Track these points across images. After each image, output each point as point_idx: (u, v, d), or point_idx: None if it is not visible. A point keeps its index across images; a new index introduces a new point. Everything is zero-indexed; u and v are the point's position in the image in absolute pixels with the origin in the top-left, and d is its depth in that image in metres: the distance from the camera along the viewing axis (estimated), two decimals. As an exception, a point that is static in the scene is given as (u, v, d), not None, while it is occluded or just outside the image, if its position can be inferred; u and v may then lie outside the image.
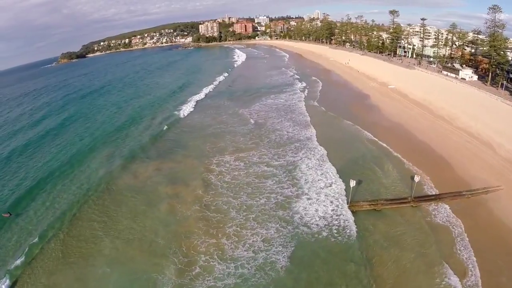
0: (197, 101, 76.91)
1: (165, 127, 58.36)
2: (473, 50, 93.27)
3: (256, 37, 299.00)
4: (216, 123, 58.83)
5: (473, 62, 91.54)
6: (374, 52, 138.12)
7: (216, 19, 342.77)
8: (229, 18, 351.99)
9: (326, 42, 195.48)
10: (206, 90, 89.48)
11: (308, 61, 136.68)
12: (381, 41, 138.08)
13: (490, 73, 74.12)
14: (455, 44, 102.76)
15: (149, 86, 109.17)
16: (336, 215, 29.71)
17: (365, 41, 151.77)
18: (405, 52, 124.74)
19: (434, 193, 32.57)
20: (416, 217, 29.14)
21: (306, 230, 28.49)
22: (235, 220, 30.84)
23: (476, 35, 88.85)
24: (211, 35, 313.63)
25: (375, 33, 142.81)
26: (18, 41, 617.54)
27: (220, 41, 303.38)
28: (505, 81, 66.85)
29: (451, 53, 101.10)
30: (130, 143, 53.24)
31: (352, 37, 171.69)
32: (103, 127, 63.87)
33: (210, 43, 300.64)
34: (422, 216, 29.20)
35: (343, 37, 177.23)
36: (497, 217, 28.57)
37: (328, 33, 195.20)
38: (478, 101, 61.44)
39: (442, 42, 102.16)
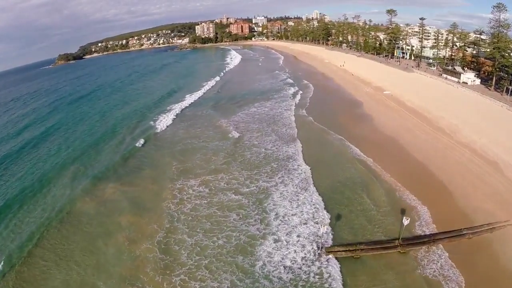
0: (181, 110, 70.92)
1: (139, 143, 52.02)
2: (475, 52, 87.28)
3: (253, 38, 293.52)
4: (191, 137, 53.06)
5: (475, 64, 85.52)
6: (371, 53, 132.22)
7: (214, 20, 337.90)
8: (227, 18, 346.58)
9: (323, 43, 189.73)
10: (193, 96, 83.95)
11: (302, 63, 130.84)
12: (378, 42, 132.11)
13: (494, 77, 68.17)
14: (456, 45, 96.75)
15: (138, 91, 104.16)
16: (307, 266, 24.02)
17: (362, 41, 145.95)
18: (403, 53, 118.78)
19: (428, 232, 26.78)
20: (403, 268, 23.36)
21: (267, 285, 22.85)
22: (185, 266, 25.35)
23: (478, 36, 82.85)
24: (207, 36, 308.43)
25: (372, 33, 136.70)
26: (19, 42, 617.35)
27: (216, 42, 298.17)
28: (510, 86, 60.87)
29: (451, 55, 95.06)
30: (102, 160, 47.63)
31: (349, 38, 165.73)
32: (80, 139, 58.25)
33: (205, 44, 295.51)
34: (410, 267, 23.40)
35: (340, 38, 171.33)
36: (503, 267, 22.76)
37: (324, 33, 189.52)
38: (481, 109, 55.58)
39: (442, 43, 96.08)
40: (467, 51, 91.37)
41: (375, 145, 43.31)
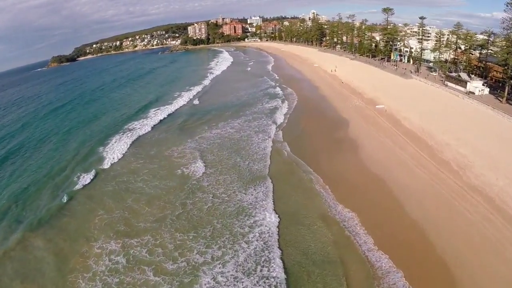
0: (145, 132, 59.45)
1: (65, 197, 37.64)
2: (481, 55, 76.58)
3: (246, 39, 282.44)
4: (135, 173, 42.02)
5: (482, 69, 74.88)
6: (366, 56, 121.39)
7: (209, 20, 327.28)
8: (222, 19, 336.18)
9: (316, 44, 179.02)
10: (167, 110, 73.25)
11: (291, 68, 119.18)
12: (374, 44, 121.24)
13: (507, 87, 57.54)
14: (460, 48, 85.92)
15: (114, 102, 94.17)
16: None
17: (356, 42, 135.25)
18: (401, 56, 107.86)
19: None
20: None
21: None
22: None
23: (486, 37, 72.07)
24: (198, 37, 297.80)
25: (367, 34, 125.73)
26: (17, 43, 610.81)
27: (207, 44, 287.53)
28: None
29: (455, 58, 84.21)
30: (22, 219, 35.02)
31: (344, 39, 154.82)
32: (18, 181, 44.38)
33: (197, 46, 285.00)
34: None
35: (335, 39, 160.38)
36: None
37: (318, 34, 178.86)
38: (495, 130, 44.90)
39: (444, 45, 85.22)
40: (472, 54, 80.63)
41: (357, 190, 32.65)
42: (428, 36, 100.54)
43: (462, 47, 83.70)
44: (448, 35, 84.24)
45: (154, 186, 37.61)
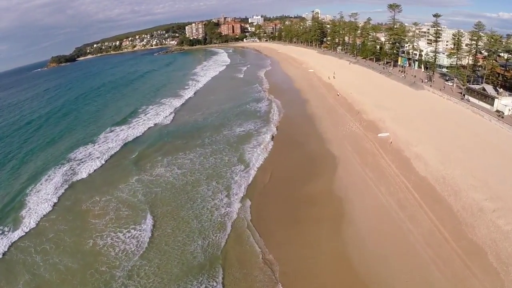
0: (94, 170, 45.73)
1: None
2: (507, 61, 62.34)
3: (244, 39, 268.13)
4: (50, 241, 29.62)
5: (506, 79, 60.80)
6: (370, 59, 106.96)
7: (211, 19, 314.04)
8: (224, 18, 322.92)
9: (316, 45, 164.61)
10: (135, 131, 60.80)
11: (284, 75, 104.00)
12: (379, 46, 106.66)
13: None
14: (481, 52, 71.37)
15: (85, 118, 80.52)
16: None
17: (359, 43, 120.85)
18: (409, 60, 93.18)
19: None
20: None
21: None
22: None
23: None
24: (195, 37, 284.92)
25: (371, 34, 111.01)
26: (23, 42, 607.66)
27: (205, 44, 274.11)
28: None
29: (474, 65, 69.65)
30: None
31: (346, 39, 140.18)
32: None
33: (193, 47, 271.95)
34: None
35: (337, 39, 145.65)
36: None
37: (318, 34, 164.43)
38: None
39: (463, 48, 70.74)
40: (496, 61, 66.26)
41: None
42: (439, 38, 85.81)
43: (483, 52, 69.51)
44: (470, 37, 69.44)
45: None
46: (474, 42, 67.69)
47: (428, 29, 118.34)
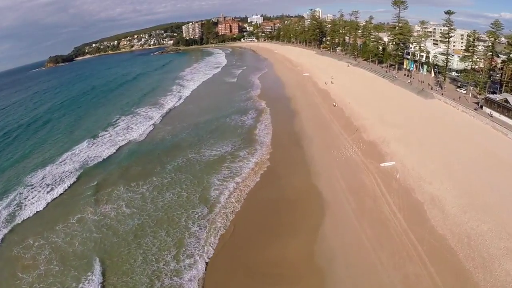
0: (36, 211, 36.16)
1: None
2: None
3: (242, 39, 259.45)
4: None
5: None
6: (371, 62, 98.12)
7: (210, 19, 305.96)
8: (224, 17, 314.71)
9: (315, 45, 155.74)
10: (105, 152, 52.18)
11: (277, 79, 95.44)
12: (381, 46, 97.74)
13: None
14: (498, 56, 62.45)
15: (57, 132, 70.87)
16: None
17: (360, 43, 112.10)
18: (415, 61, 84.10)
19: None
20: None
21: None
22: None
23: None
24: (192, 37, 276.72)
25: (373, 34, 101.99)
26: (25, 41, 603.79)
27: (201, 44, 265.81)
28: None
29: (490, 70, 60.71)
30: None
31: (346, 39, 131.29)
32: None
33: (189, 47, 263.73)
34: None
35: (337, 39, 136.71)
36: None
37: (317, 33, 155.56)
38: None
39: (478, 50, 61.97)
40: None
41: None
42: (449, 38, 76.89)
43: (502, 56, 60.63)
44: (488, 38, 60.60)
45: None
46: (491, 44, 58.93)
47: (434, 28, 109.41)
